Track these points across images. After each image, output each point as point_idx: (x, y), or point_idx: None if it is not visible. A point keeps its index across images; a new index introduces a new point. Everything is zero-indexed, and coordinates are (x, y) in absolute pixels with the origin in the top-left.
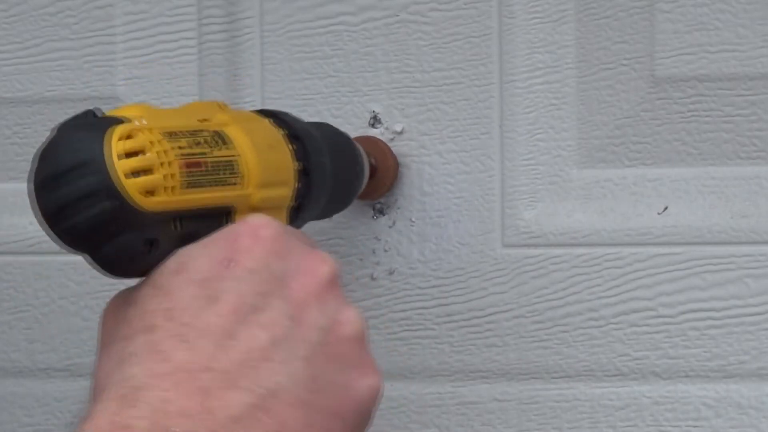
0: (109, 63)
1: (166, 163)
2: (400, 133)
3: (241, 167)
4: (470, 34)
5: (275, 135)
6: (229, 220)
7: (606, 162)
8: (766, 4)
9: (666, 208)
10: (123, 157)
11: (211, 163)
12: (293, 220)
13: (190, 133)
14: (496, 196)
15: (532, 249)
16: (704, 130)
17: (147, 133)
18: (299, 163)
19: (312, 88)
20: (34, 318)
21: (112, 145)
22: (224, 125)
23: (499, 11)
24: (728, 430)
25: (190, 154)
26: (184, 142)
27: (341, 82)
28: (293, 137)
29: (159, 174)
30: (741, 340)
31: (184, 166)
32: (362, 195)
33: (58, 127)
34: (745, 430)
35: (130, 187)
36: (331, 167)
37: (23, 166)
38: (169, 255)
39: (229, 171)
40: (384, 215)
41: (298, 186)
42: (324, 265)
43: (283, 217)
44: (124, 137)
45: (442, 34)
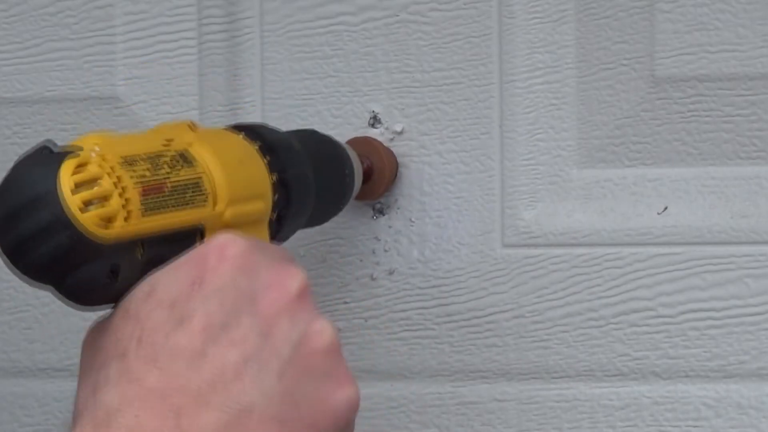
0: (109, 63)
1: (123, 191)
2: (400, 133)
3: (208, 186)
4: (470, 34)
5: (246, 149)
6: (201, 240)
7: (606, 162)
8: (766, 4)
9: (666, 208)
10: (75, 188)
11: (173, 185)
12: (276, 232)
13: (150, 157)
14: (496, 196)
15: (532, 249)
16: (704, 130)
17: (101, 163)
18: (275, 175)
19: (312, 88)
20: (34, 318)
21: (64, 177)
22: (189, 145)
23: (499, 11)
24: (728, 430)
25: (150, 179)
26: (143, 166)
27: (341, 82)
28: (267, 149)
29: (115, 202)
30: (741, 340)
31: (143, 192)
32: (360, 196)
33: (14, 164)
34: (745, 430)
35: (84, 218)
36: (314, 176)
37: None
38: (138, 280)
39: (195, 191)
40: (384, 215)
41: (276, 198)
42: (292, 279)
43: (264, 231)
44: (76, 168)
45: (442, 34)
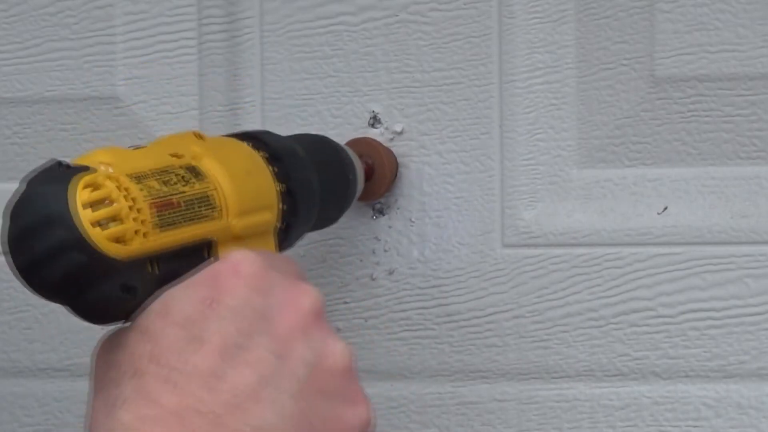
0: (109, 63)
1: (135, 209)
2: (400, 133)
3: (218, 199)
4: (470, 34)
5: (254, 159)
6: (211, 253)
7: (606, 162)
8: (766, 4)
9: (666, 208)
10: (89, 208)
11: (184, 200)
12: (282, 240)
13: (161, 173)
14: (496, 196)
15: (532, 249)
16: (704, 130)
17: (113, 181)
18: (282, 185)
19: (312, 88)
20: (34, 318)
21: (77, 196)
22: (197, 158)
23: (499, 11)
24: (728, 430)
25: (161, 196)
26: (155, 182)
27: (341, 82)
28: (274, 158)
29: (128, 221)
30: (741, 340)
31: (155, 209)
32: (362, 197)
33: (27, 182)
34: (745, 430)
35: (98, 237)
36: (318, 182)
37: (23, 166)
38: (151, 296)
39: (205, 205)
40: (384, 215)
41: (283, 207)
42: (307, 298)
43: (271, 241)
44: (90, 187)
45: (442, 34)
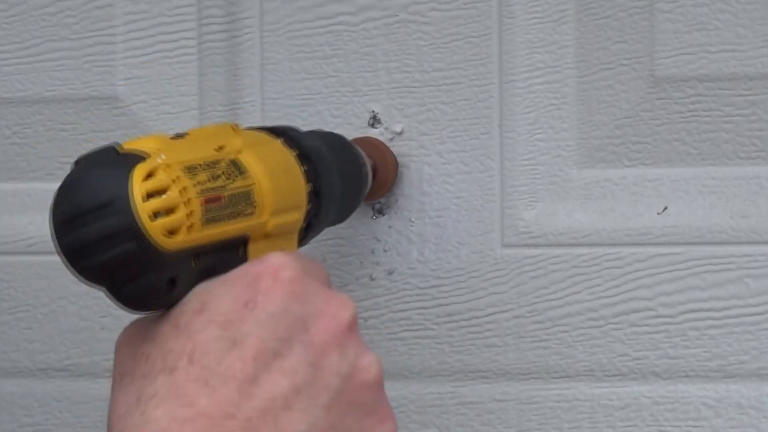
0: (109, 63)
1: (188, 201)
2: (400, 134)
3: (257, 196)
4: (470, 34)
5: (288, 158)
6: (245, 251)
7: (606, 162)
8: (766, 4)
9: (666, 208)
10: (146, 197)
11: (228, 196)
12: (301, 240)
13: (208, 165)
14: (496, 196)
15: (532, 249)
16: (704, 130)
17: (168, 171)
18: (310, 185)
19: (312, 88)
20: (34, 318)
21: (136, 185)
22: (239, 152)
23: (499, 11)
24: (728, 430)
25: (209, 189)
26: (203, 176)
27: (341, 82)
28: (304, 158)
29: (181, 213)
30: (741, 340)
31: (204, 203)
32: (365, 197)
33: (79, 162)
34: (745, 430)
35: (153, 228)
36: (340, 184)
37: (23, 166)
38: (187, 291)
39: (246, 201)
40: (384, 215)
41: (309, 208)
42: (344, 309)
43: (294, 241)
44: (148, 176)
45: (442, 34)
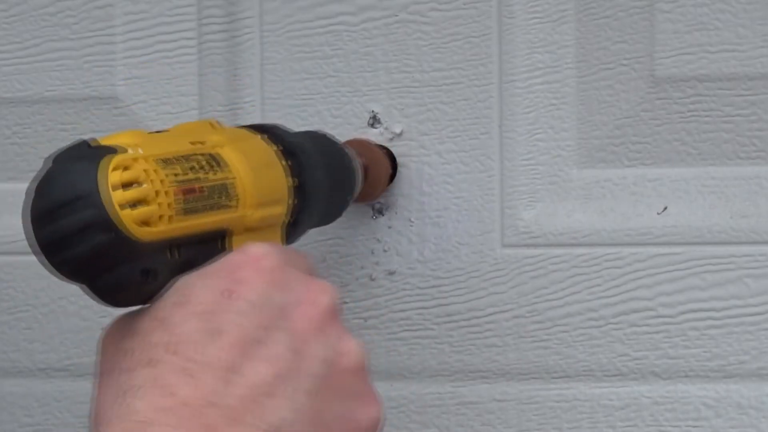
0: (109, 63)
1: (162, 192)
2: (400, 134)
3: (237, 189)
4: (470, 34)
5: (269, 152)
6: (225, 244)
7: (606, 162)
8: (766, 4)
9: (666, 208)
10: (119, 188)
11: (206, 187)
12: (289, 236)
13: (185, 158)
14: (496, 196)
15: (532, 249)
16: (704, 130)
17: (142, 163)
18: (294, 180)
19: (312, 88)
20: (34, 318)
21: (108, 176)
22: (218, 146)
23: (499, 11)
24: (728, 430)
25: (185, 181)
26: (179, 168)
27: (341, 82)
28: (287, 153)
29: (155, 204)
30: (741, 340)
31: (180, 194)
32: (358, 198)
33: (53, 159)
34: (745, 430)
35: (126, 219)
36: (326, 180)
37: (23, 166)
38: (167, 283)
39: (225, 194)
40: (383, 215)
41: (294, 203)
42: (324, 295)
43: (278, 235)
44: (120, 168)
45: (442, 34)
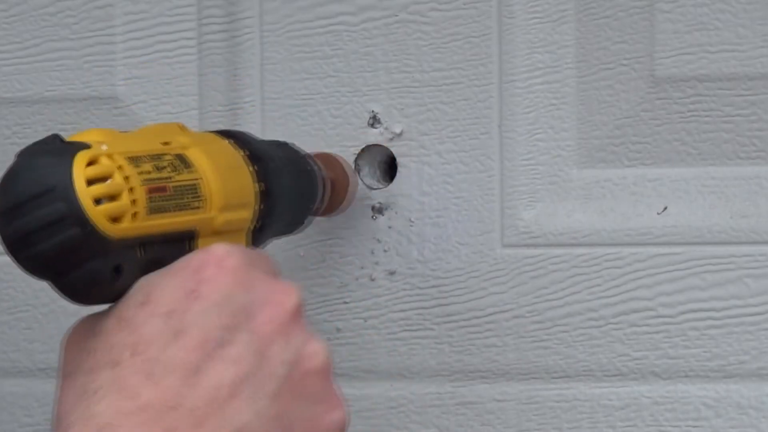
0: (109, 63)
1: (131, 189)
2: (400, 134)
3: (204, 190)
4: (470, 34)
5: (236, 157)
6: (192, 245)
7: (606, 162)
8: (766, 4)
9: (666, 208)
10: (89, 183)
11: (174, 187)
12: (255, 241)
13: (153, 157)
14: (496, 196)
15: (532, 249)
16: (704, 130)
17: (112, 158)
18: (260, 185)
19: (312, 88)
20: (34, 318)
21: (79, 170)
22: (185, 148)
23: (499, 11)
24: (728, 430)
25: (154, 179)
26: (148, 166)
27: (341, 82)
28: (254, 158)
29: (125, 200)
30: (741, 340)
31: (149, 192)
32: (324, 212)
33: (21, 153)
34: (745, 430)
35: (97, 214)
36: (291, 187)
37: None
38: (133, 282)
39: (193, 195)
40: (384, 215)
41: (260, 208)
42: (289, 296)
43: (244, 240)
44: (90, 163)
45: (442, 34)
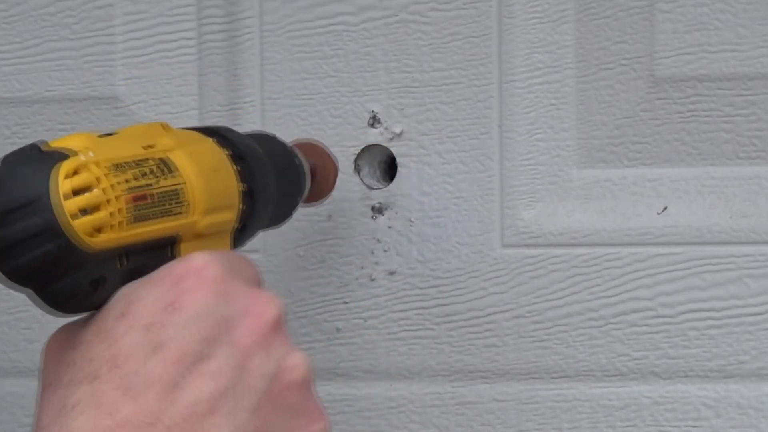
0: (109, 63)
1: (113, 199)
2: (400, 134)
3: (187, 195)
4: (470, 34)
5: (220, 157)
6: (174, 250)
7: (606, 162)
8: (766, 4)
9: (665, 208)
10: (70, 195)
11: (157, 194)
12: (237, 240)
13: (136, 164)
14: (496, 196)
15: (532, 249)
16: (704, 130)
17: (93, 168)
18: (244, 185)
19: (312, 88)
20: (34, 318)
21: (59, 182)
22: (169, 150)
23: (499, 11)
24: (728, 430)
25: (137, 187)
26: (131, 174)
27: (341, 82)
28: (238, 157)
29: (105, 211)
30: (741, 340)
31: (131, 201)
32: (308, 199)
33: (3, 162)
34: (745, 430)
35: (76, 227)
36: (275, 184)
37: None
38: (114, 291)
39: (175, 200)
40: (383, 215)
41: (243, 208)
42: (269, 307)
43: (227, 241)
44: (71, 174)
45: (442, 34)
